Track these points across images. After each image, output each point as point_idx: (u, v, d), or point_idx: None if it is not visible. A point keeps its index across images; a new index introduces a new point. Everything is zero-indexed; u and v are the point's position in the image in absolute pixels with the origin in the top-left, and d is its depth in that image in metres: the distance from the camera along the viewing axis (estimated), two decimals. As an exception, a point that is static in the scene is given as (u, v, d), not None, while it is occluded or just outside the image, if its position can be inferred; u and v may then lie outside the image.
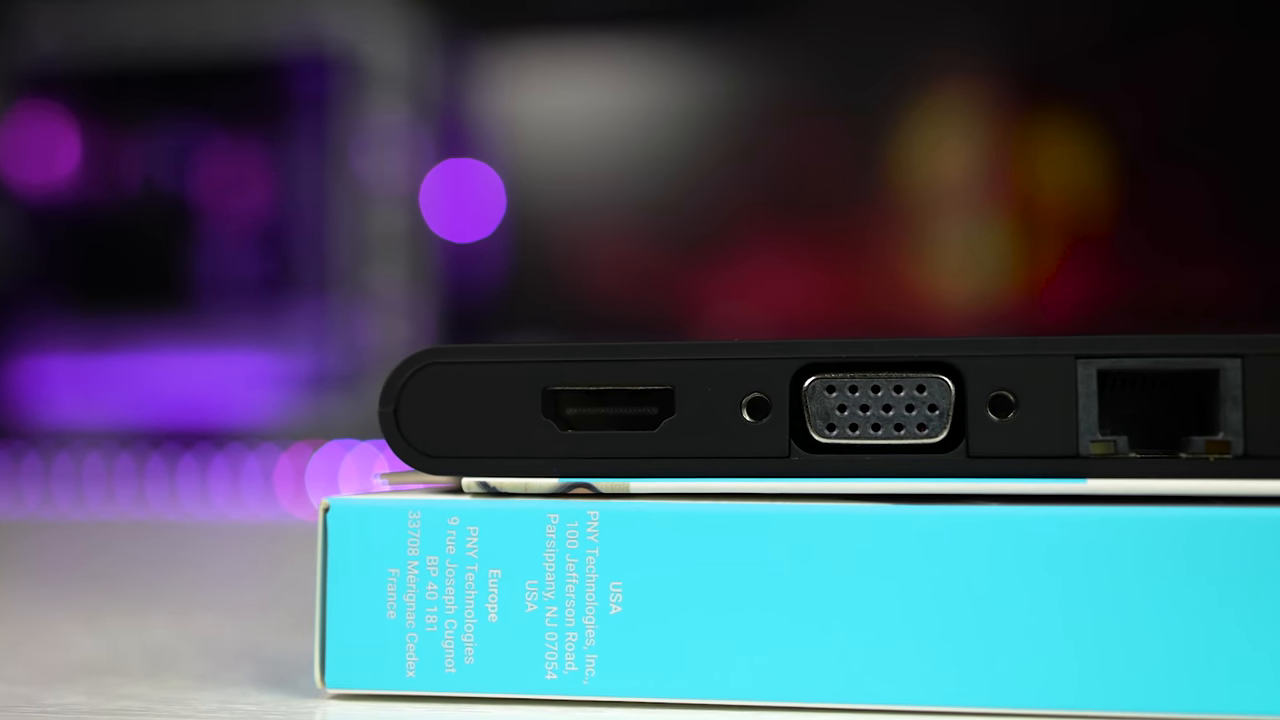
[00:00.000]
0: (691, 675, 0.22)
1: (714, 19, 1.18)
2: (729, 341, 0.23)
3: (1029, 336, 0.22)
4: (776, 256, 1.17)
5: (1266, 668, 0.21)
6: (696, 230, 1.17)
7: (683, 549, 0.22)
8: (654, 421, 0.23)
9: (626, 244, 1.18)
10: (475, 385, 0.23)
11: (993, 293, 1.18)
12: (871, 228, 1.18)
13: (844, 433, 0.23)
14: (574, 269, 1.19)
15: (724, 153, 1.18)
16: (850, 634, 0.22)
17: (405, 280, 1.19)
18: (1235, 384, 0.22)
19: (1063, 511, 0.22)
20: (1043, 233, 1.18)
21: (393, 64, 1.23)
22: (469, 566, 0.23)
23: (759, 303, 1.17)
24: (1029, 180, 1.19)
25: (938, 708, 0.22)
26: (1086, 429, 0.22)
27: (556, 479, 0.23)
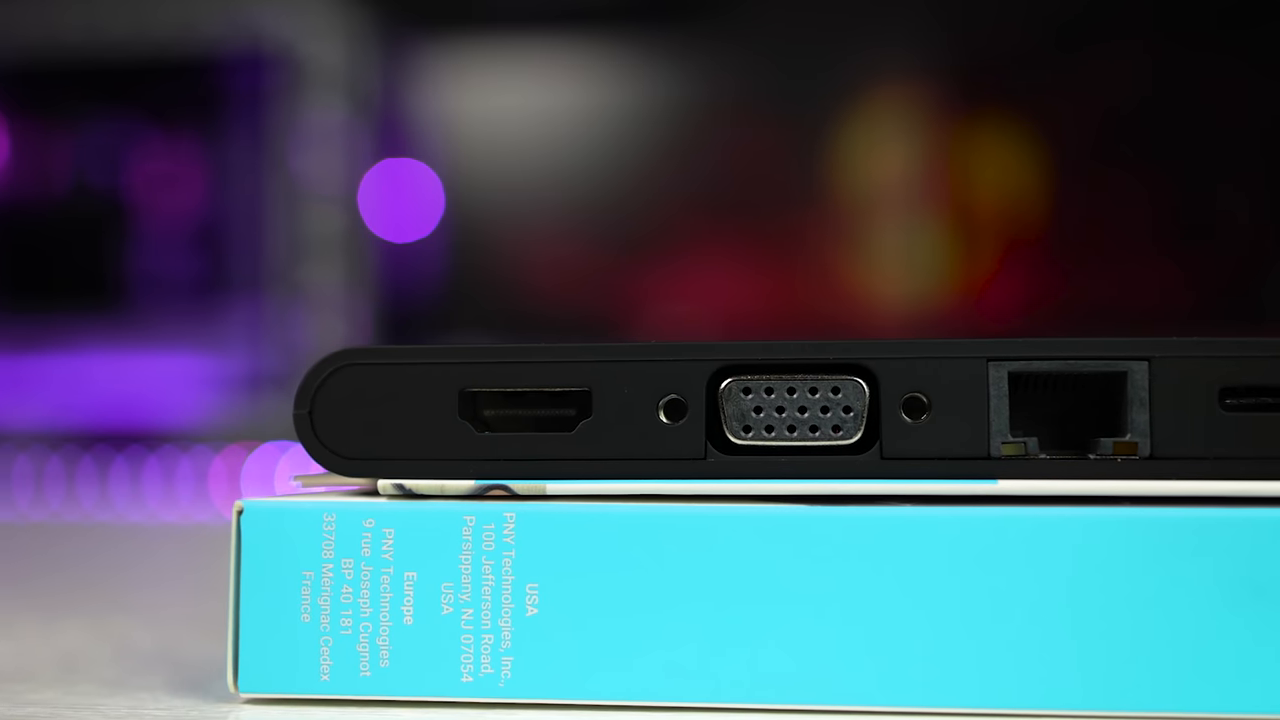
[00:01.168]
0: (608, 676, 0.22)
1: (654, 20, 1.19)
2: (646, 344, 0.23)
3: (942, 339, 0.22)
4: (715, 257, 1.18)
5: (1171, 663, 0.21)
6: (635, 231, 1.17)
7: (599, 550, 0.22)
8: (571, 423, 0.23)
9: (565, 244, 1.18)
10: (392, 387, 0.23)
11: (929, 294, 1.19)
12: (810, 229, 1.18)
13: (760, 434, 0.23)
14: (513, 269, 1.19)
15: (663, 154, 1.18)
16: (764, 634, 0.22)
17: (342, 280, 1.19)
18: (1142, 386, 0.22)
19: (973, 512, 0.22)
20: (979, 235, 1.20)
21: (330, 62, 1.22)
22: (384, 569, 0.23)
23: (697, 303, 1.17)
24: (966, 183, 1.20)
25: (851, 707, 0.22)
26: (997, 430, 0.22)
27: (473, 481, 0.23)
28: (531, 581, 0.22)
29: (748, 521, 0.22)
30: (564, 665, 0.22)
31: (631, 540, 0.22)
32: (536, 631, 0.22)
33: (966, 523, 0.22)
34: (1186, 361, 0.22)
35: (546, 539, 0.22)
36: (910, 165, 1.19)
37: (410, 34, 1.23)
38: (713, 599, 0.22)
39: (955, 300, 1.19)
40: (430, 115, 1.22)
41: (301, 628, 0.23)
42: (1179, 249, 1.16)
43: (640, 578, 0.22)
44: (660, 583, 0.22)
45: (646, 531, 0.22)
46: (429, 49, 1.23)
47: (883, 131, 1.18)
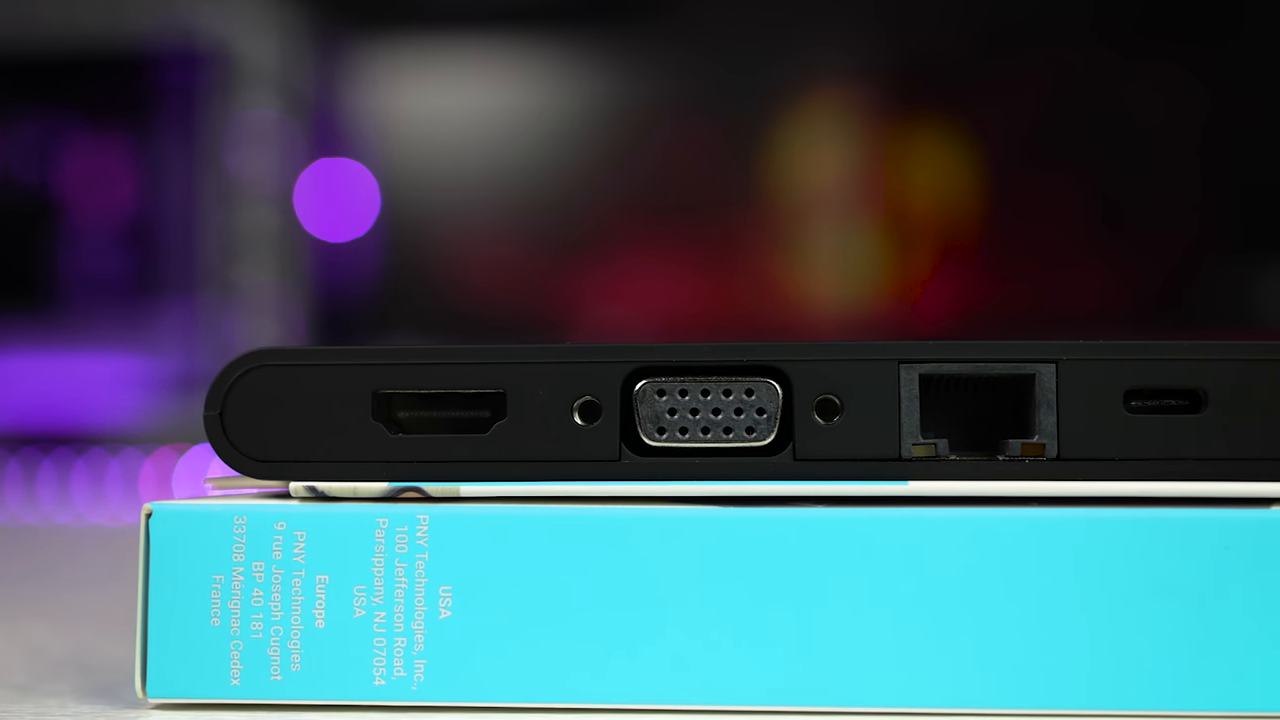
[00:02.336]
0: (521, 679, 0.22)
1: (591, 20, 1.19)
2: (560, 345, 0.23)
3: (854, 342, 0.23)
4: (652, 259, 1.18)
5: (1076, 661, 0.22)
6: (573, 232, 1.17)
7: (513, 552, 0.22)
8: (486, 425, 0.23)
9: (502, 245, 1.18)
10: (304, 388, 0.23)
11: (865, 297, 1.19)
12: (747, 231, 1.19)
13: (674, 436, 0.23)
14: (449, 270, 1.18)
15: (601, 154, 1.18)
16: (679, 635, 0.22)
17: (276, 280, 1.17)
18: (1049, 389, 0.22)
19: (884, 513, 0.22)
20: (915, 238, 1.21)
21: (265, 60, 1.21)
22: (296, 572, 0.22)
23: (635, 305, 1.17)
24: (902, 186, 1.21)
25: (764, 707, 0.22)
26: (909, 432, 0.22)
27: (386, 483, 0.23)
28: (445, 584, 0.22)
29: (661, 523, 0.22)
30: (477, 668, 0.22)
31: (545, 542, 0.22)
32: (450, 634, 0.22)
33: (877, 524, 0.22)
34: (1092, 364, 0.22)
35: (460, 541, 0.22)
36: (847, 167, 1.20)
37: (346, 33, 1.22)
38: (626, 600, 0.22)
39: (891, 303, 1.20)
40: (366, 114, 1.21)
41: (211, 632, 0.22)
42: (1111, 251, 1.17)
43: (554, 579, 0.22)
44: (574, 584, 0.22)
45: (560, 533, 0.22)
46: (365, 48, 1.22)
47: (820, 134, 1.19)
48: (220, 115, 1.23)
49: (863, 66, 1.18)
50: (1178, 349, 0.22)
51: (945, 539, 0.22)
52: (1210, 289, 1.13)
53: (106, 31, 1.23)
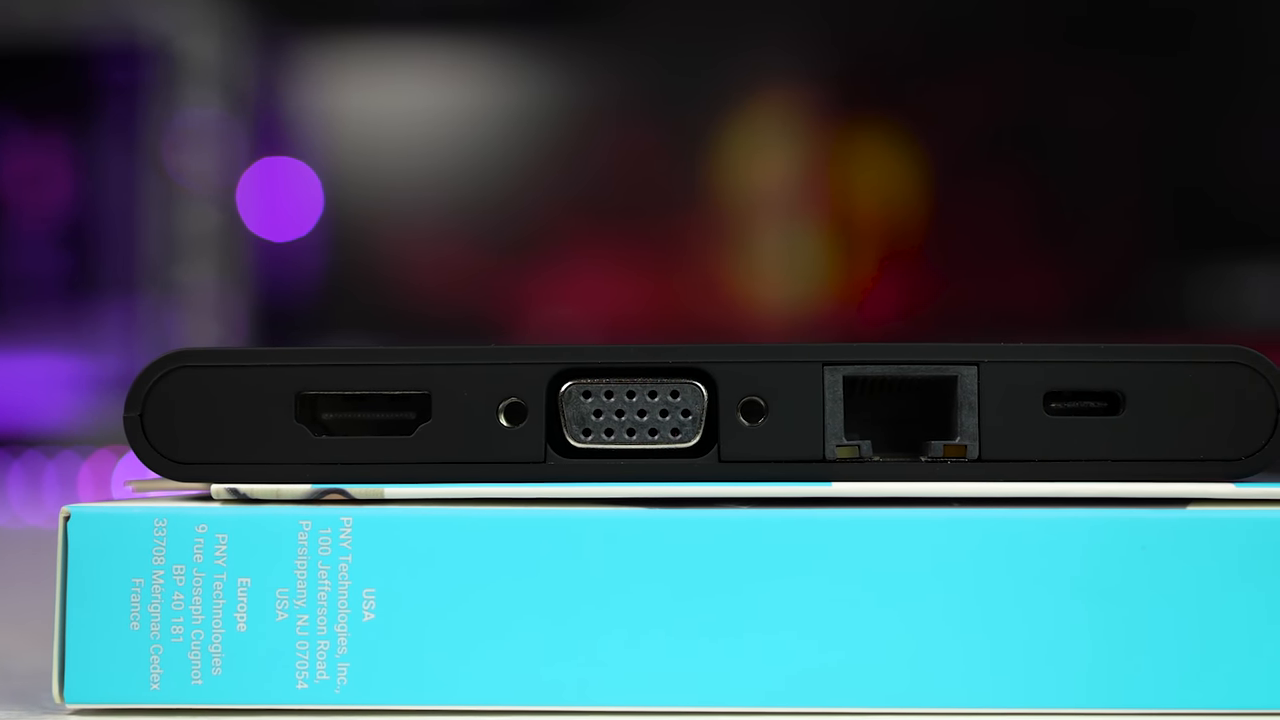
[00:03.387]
0: (445, 681, 0.22)
1: (537, 20, 1.18)
2: (485, 347, 0.23)
3: (779, 344, 0.23)
4: (598, 260, 1.18)
5: (1000, 660, 0.22)
6: (518, 232, 1.17)
7: (437, 554, 0.22)
8: (411, 427, 0.23)
9: (447, 245, 1.18)
10: (226, 389, 0.23)
11: (810, 298, 1.20)
12: (693, 232, 1.19)
13: (599, 438, 0.23)
14: (393, 269, 1.17)
15: (546, 155, 1.18)
16: (602, 636, 0.22)
17: (217, 279, 1.16)
18: (971, 390, 0.23)
19: (808, 514, 0.22)
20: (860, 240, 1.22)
21: (207, 57, 1.20)
22: (217, 575, 0.22)
23: (580, 306, 1.17)
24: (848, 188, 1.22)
25: (689, 708, 0.22)
26: (832, 433, 0.23)
27: (309, 485, 0.23)
28: (368, 586, 0.22)
29: (587, 524, 0.22)
30: (401, 671, 0.22)
31: (470, 544, 0.22)
32: (373, 637, 0.22)
33: (801, 525, 0.22)
34: (1013, 366, 0.23)
35: (384, 543, 0.22)
36: (793, 169, 1.20)
37: (289, 31, 1.21)
38: (551, 602, 0.22)
39: (835, 304, 1.20)
40: (309, 113, 1.20)
41: (130, 636, 0.22)
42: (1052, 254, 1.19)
43: (479, 581, 0.22)
44: (499, 586, 0.22)
45: (485, 535, 0.22)
46: (308, 46, 1.21)
47: (765, 135, 1.19)
48: (162, 113, 1.21)
49: (809, 69, 1.19)
50: (1096, 352, 0.23)
51: (867, 540, 0.22)
52: (1148, 292, 1.15)
53: (47, 27, 1.21)
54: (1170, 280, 1.14)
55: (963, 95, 1.19)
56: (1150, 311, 1.13)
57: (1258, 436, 0.22)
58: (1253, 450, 0.22)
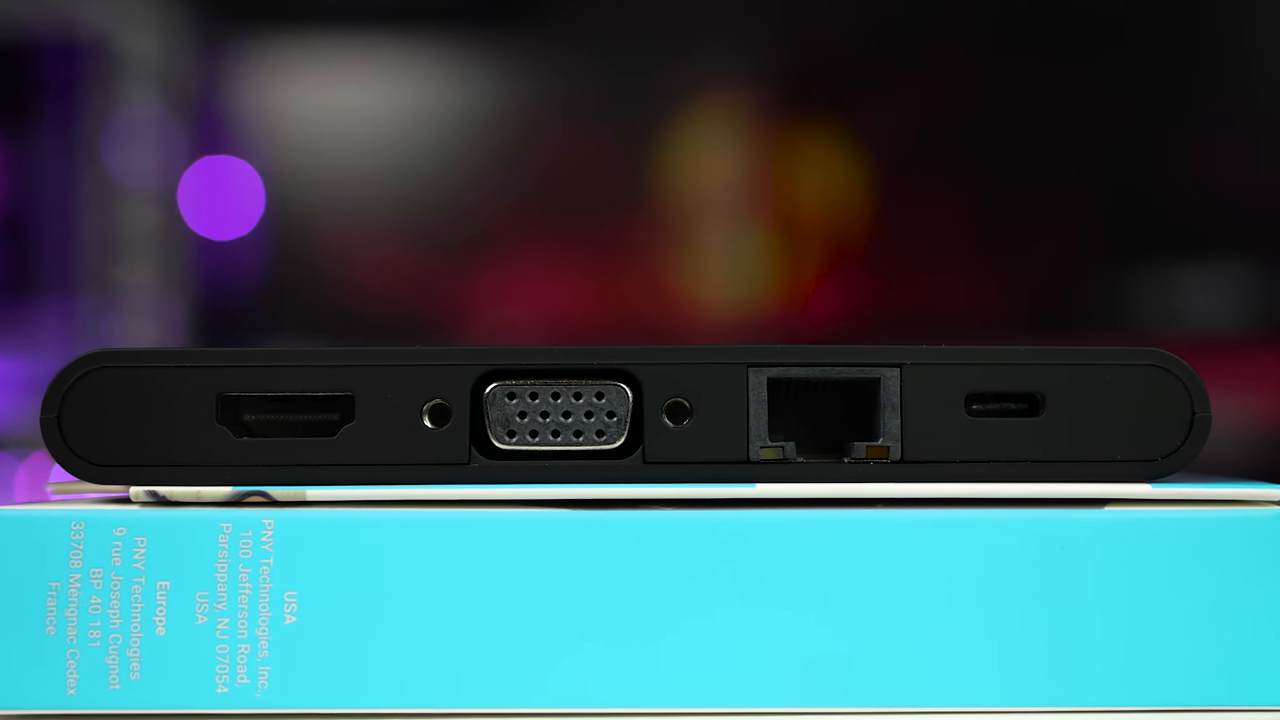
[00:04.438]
0: (368, 684, 0.22)
1: (481, 20, 1.18)
2: (409, 348, 0.23)
3: (704, 345, 0.23)
4: (543, 260, 1.18)
5: (922, 659, 0.22)
6: (463, 232, 1.17)
7: (360, 557, 0.22)
8: (334, 428, 0.23)
9: (391, 245, 1.17)
10: (146, 390, 0.23)
11: (756, 299, 1.21)
12: (638, 233, 1.19)
13: (524, 439, 0.23)
14: (336, 270, 1.17)
15: (491, 155, 1.18)
16: (527, 637, 0.22)
17: (156, 279, 1.15)
18: (894, 392, 0.23)
19: (732, 515, 0.22)
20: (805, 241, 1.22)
21: (148, 54, 1.18)
22: (136, 578, 0.22)
23: (525, 306, 1.17)
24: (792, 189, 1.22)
25: (612, 710, 0.22)
26: (756, 435, 0.23)
27: (230, 487, 0.22)
28: (290, 589, 0.22)
29: (511, 526, 0.22)
30: (323, 674, 0.22)
31: (393, 546, 0.22)
32: (295, 640, 0.22)
33: (725, 526, 0.22)
34: (935, 368, 0.23)
35: (306, 546, 0.22)
36: (737, 170, 1.21)
37: (230, 29, 1.20)
38: (475, 604, 0.22)
39: (780, 305, 1.21)
40: (251, 111, 1.19)
41: (47, 640, 0.22)
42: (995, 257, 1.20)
43: (402, 584, 0.22)
44: (422, 588, 0.22)
45: (408, 537, 0.22)
46: (250, 44, 1.20)
47: (711, 136, 1.20)
48: (101, 110, 1.20)
49: (753, 70, 1.19)
50: (1016, 354, 0.23)
51: (790, 540, 0.22)
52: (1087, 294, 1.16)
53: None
54: (1108, 282, 1.15)
55: (906, 98, 1.19)
56: (1089, 314, 1.15)
57: (1174, 438, 0.23)
58: (1169, 451, 0.23)
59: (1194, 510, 0.22)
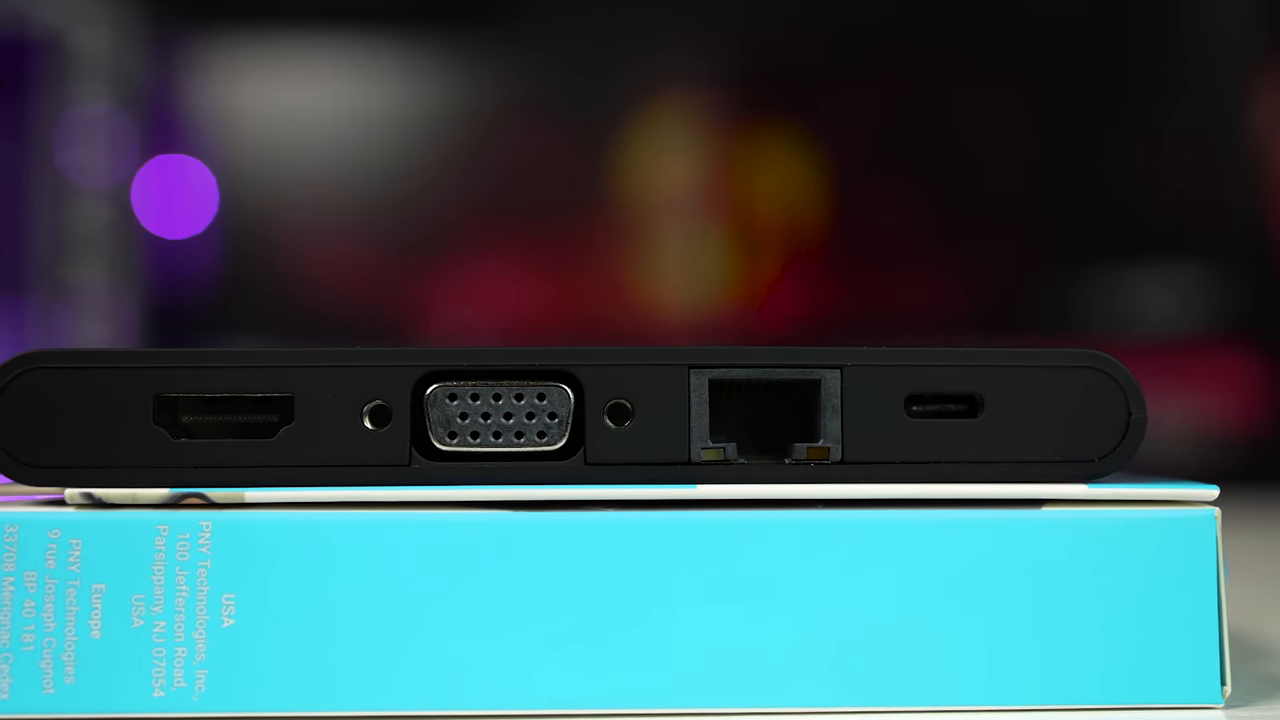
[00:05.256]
0: (306, 687, 0.22)
1: (440, 19, 1.18)
2: (350, 349, 0.23)
3: (645, 346, 0.23)
4: (501, 261, 1.17)
5: (862, 659, 0.22)
6: (420, 233, 1.16)
7: (299, 559, 0.22)
8: (273, 429, 0.23)
9: (348, 245, 1.16)
10: (82, 391, 0.22)
11: (714, 301, 1.21)
12: (596, 234, 1.19)
13: (465, 440, 0.23)
14: (292, 269, 1.16)
15: (449, 155, 1.17)
16: (469, 639, 0.22)
17: (109, 278, 1.14)
18: (834, 394, 0.23)
19: (673, 516, 0.22)
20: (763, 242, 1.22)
21: (100, 51, 1.17)
22: (71, 581, 0.22)
23: (483, 307, 1.16)
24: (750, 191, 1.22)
25: (554, 711, 0.22)
26: (698, 436, 0.23)
27: (167, 489, 0.22)
28: (228, 592, 0.22)
29: (451, 528, 0.22)
30: (261, 677, 0.22)
31: (332, 548, 0.22)
32: (232, 643, 0.22)
33: (666, 527, 0.22)
34: (875, 370, 0.23)
35: (244, 548, 0.22)
36: (696, 172, 1.21)
37: (184, 26, 1.19)
38: (415, 606, 0.22)
39: (738, 307, 1.21)
40: (205, 110, 1.18)
41: (-21, 645, 0.22)
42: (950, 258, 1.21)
43: (342, 586, 0.22)
44: (361, 591, 0.22)
45: (348, 539, 0.22)
46: (204, 42, 1.19)
47: (669, 138, 1.20)
48: (53, 108, 1.18)
49: (711, 72, 1.20)
50: (955, 356, 0.23)
51: (731, 541, 0.22)
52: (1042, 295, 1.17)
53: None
54: (1062, 284, 1.16)
55: (863, 100, 1.20)
56: (1044, 315, 1.15)
57: (1110, 439, 0.23)
58: (1105, 452, 0.23)
59: (1129, 510, 0.22)
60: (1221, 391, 1.12)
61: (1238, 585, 0.37)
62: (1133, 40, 1.18)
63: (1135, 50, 1.18)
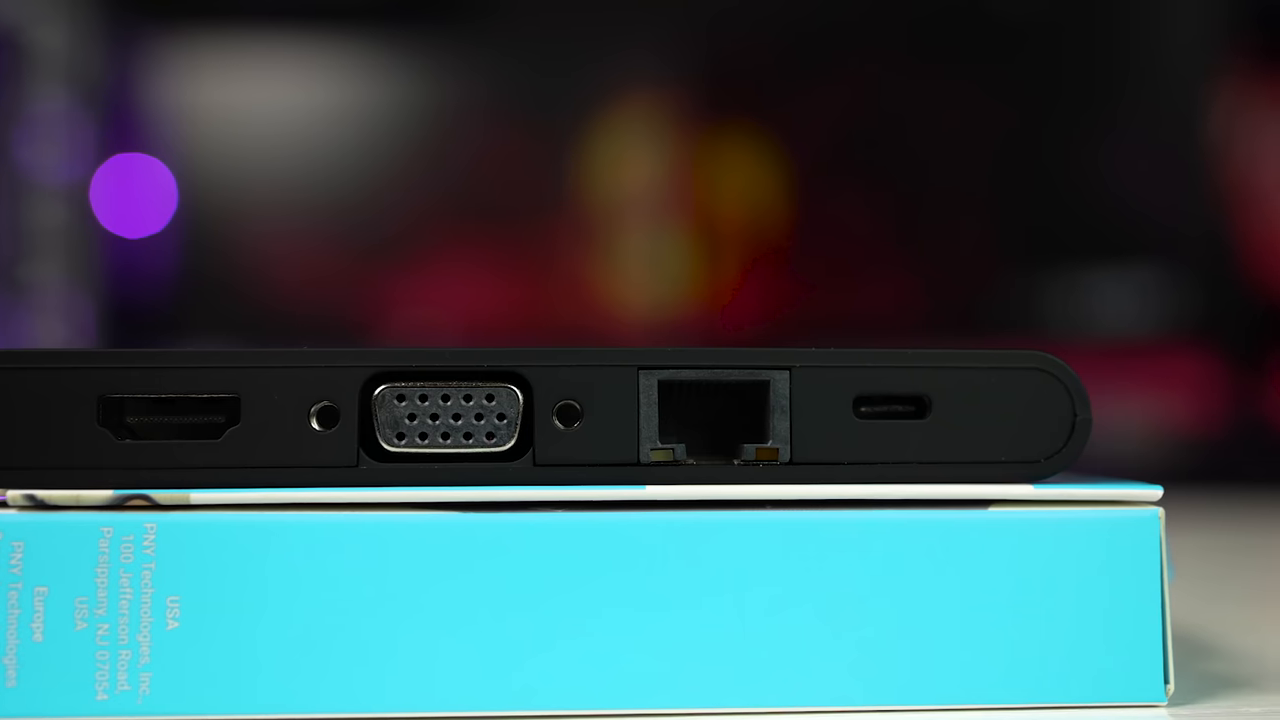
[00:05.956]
0: (252, 690, 0.22)
1: (403, 19, 1.17)
2: (297, 349, 0.22)
3: (594, 348, 0.23)
4: (464, 261, 1.17)
5: (812, 659, 0.22)
6: (382, 233, 1.16)
7: (245, 561, 0.22)
8: (219, 431, 0.22)
9: (308, 245, 1.16)
10: (25, 392, 0.22)
11: (676, 302, 1.21)
12: (559, 234, 1.19)
13: (413, 441, 0.23)
14: (251, 269, 1.15)
15: (412, 155, 1.17)
16: (419, 641, 0.22)
17: (66, 277, 1.13)
18: (783, 395, 0.23)
19: (622, 517, 0.22)
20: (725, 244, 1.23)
21: (58, 49, 1.16)
22: (12, 584, 0.22)
23: (445, 307, 1.16)
24: (712, 192, 1.23)
25: (503, 713, 0.22)
26: (647, 437, 0.23)
27: (111, 491, 0.22)
28: (173, 594, 0.22)
29: (399, 529, 0.22)
30: (206, 679, 0.22)
31: (279, 549, 0.22)
32: (177, 646, 0.22)
33: (615, 528, 0.22)
34: (823, 371, 0.23)
35: (189, 550, 0.22)
36: (658, 173, 1.21)
37: (144, 24, 1.18)
38: (363, 608, 0.22)
39: (700, 308, 1.21)
40: (164, 108, 1.17)
41: (-81, 648, 0.21)
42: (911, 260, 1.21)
43: (288, 588, 0.22)
44: (309, 592, 0.22)
45: (294, 540, 0.22)
46: (164, 39, 1.18)
47: (631, 139, 1.20)
48: (10, 105, 1.17)
49: (674, 73, 1.20)
50: (903, 357, 0.23)
51: (680, 542, 0.22)
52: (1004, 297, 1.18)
53: (-116, 13, 1.16)
54: (1023, 285, 1.17)
55: (825, 102, 1.20)
56: (1004, 316, 1.16)
57: (1056, 439, 0.23)
58: (1051, 453, 0.23)
59: (1074, 511, 0.23)
60: (1177, 393, 1.13)
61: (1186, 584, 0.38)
62: (1092, 44, 1.19)
63: (1094, 54, 1.19)
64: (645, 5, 1.20)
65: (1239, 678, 0.26)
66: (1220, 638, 0.31)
